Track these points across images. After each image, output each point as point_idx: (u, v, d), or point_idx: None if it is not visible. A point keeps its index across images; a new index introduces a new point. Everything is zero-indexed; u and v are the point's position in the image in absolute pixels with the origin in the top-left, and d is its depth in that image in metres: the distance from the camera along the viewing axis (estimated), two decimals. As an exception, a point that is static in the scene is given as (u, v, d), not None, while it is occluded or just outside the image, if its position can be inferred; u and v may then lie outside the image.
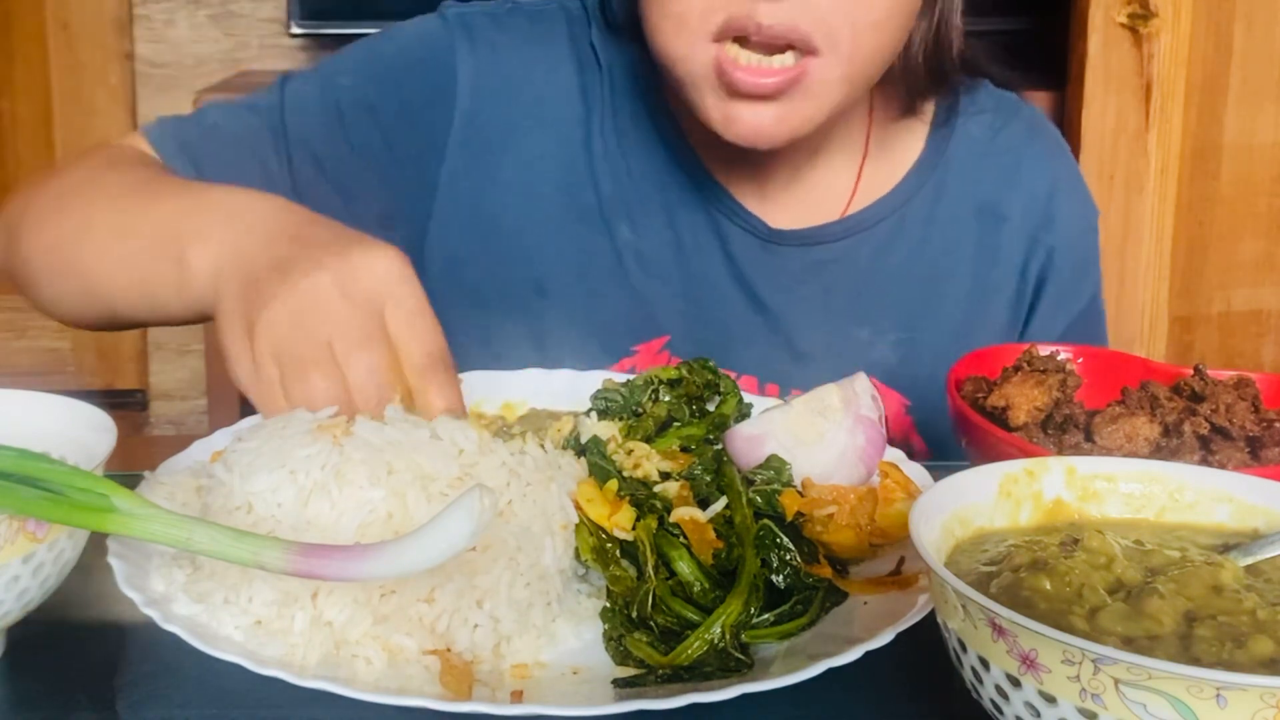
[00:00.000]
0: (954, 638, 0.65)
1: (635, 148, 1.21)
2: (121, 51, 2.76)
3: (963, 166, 1.25)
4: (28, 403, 0.82)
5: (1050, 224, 1.26)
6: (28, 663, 0.74)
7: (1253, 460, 0.90)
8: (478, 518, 0.66)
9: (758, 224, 1.20)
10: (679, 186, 1.21)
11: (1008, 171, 1.26)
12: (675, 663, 0.74)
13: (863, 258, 1.22)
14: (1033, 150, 1.28)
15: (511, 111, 1.21)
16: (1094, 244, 1.31)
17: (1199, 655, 0.61)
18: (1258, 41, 2.23)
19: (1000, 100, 1.28)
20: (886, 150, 1.24)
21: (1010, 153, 1.26)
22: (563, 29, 1.23)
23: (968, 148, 1.25)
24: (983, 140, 1.26)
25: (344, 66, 1.22)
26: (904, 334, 1.22)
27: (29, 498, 0.68)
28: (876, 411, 0.90)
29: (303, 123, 1.18)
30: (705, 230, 1.21)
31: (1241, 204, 2.29)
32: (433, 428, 0.81)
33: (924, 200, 1.24)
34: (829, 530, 0.83)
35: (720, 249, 1.21)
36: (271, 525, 0.75)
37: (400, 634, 0.73)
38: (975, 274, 1.25)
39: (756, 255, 1.21)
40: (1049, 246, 1.25)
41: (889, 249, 1.23)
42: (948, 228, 1.24)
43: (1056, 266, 1.26)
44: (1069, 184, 1.29)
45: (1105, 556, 0.67)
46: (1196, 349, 2.33)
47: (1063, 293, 1.26)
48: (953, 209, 1.24)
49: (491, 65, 1.21)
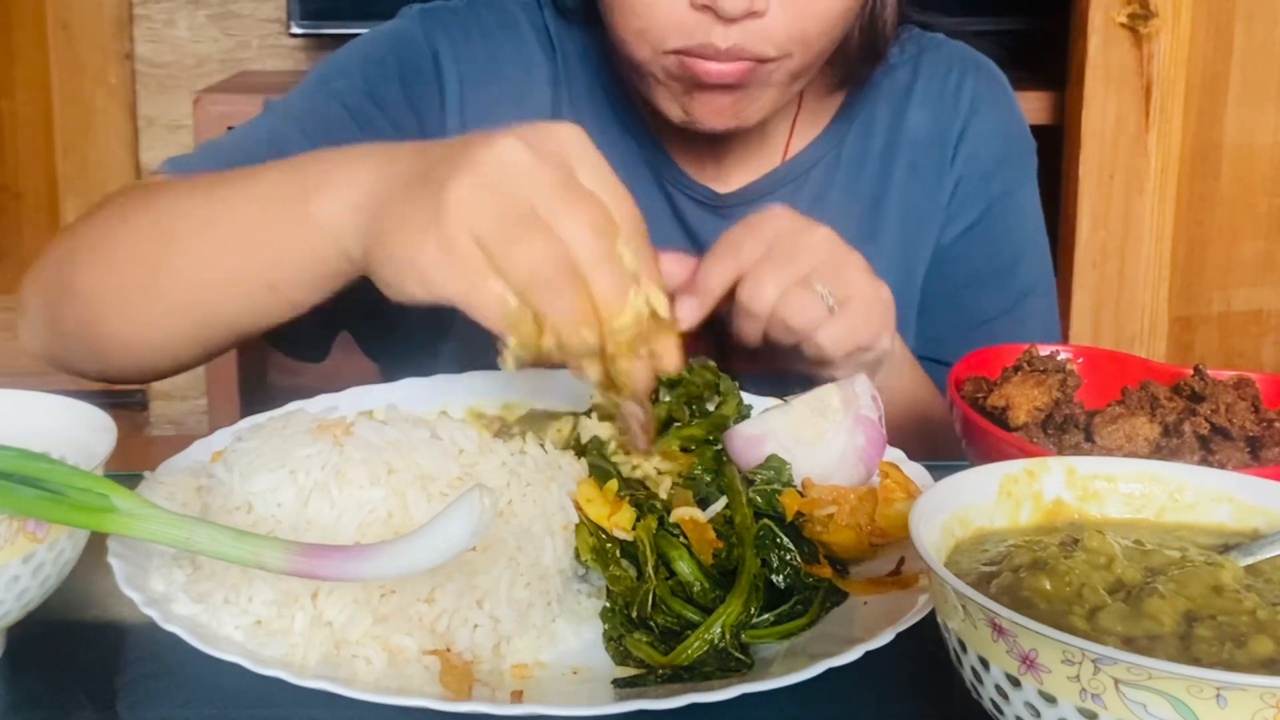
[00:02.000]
0: (954, 638, 0.65)
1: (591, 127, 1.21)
2: (121, 51, 2.76)
3: (891, 102, 1.28)
4: (28, 403, 0.82)
5: (968, 138, 1.28)
6: (28, 663, 0.74)
7: (1253, 460, 0.90)
8: (478, 518, 0.66)
9: (707, 192, 1.24)
10: (634, 162, 1.23)
11: (935, 105, 1.29)
12: (675, 663, 0.74)
13: (803, 201, 1.24)
14: (956, 81, 1.30)
15: (493, 97, 1.23)
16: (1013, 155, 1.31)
17: (1199, 655, 0.60)
18: (1258, 41, 2.23)
19: (924, 41, 1.31)
20: (815, 98, 1.27)
21: (938, 84, 1.29)
22: (520, 15, 1.26)
23: (891, 81, 1.28)
24: (908, 80, 1.29)
25: (335, 72, 1.21)
26: None
27: (29, 498, 0.68)
28: (876, 411, 0.90)
29: (314, 126, 1.15)
30: (660, 201, 1.23)
31: (1241, 204, 2.29)
32: (433, 428, 0.81)
33: (856, 135, 1.27)
34: (829, 530, 0.83)
35: (675, 219, 1.24)
36: (271, 525, 0.75)
37: (400, 634, 0.73)
38: (907, 202, 1.27)
39: (710, 222, 1.23)
40: (965, 155, 1.28)
41: (828, 188, 1.26)
42: (881, 161, 1.27)
43: (970, 171, 1.28)
44: (989, 100, 1.30)
45: (1105, 556, 0.67)
46: (1196, 349, 2.33)
47: (972, 189, 1.28)
48: (885, 144, 1.27)
49: (469, 54, 1.23)
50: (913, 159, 1.28)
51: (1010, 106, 1.34)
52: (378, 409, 0.88)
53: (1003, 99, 1.33)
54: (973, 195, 1.29)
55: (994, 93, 1.32)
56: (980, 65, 1.33)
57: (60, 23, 2.71)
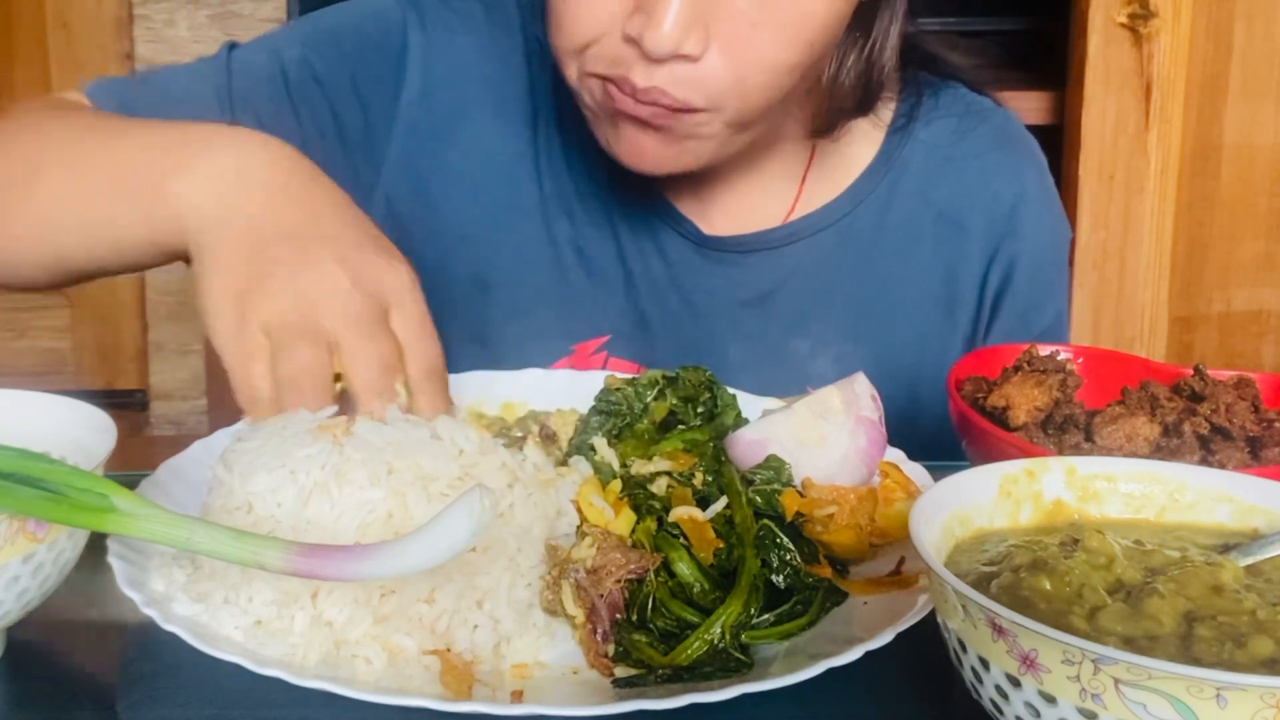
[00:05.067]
0: (954, 638, 0.65)
1: (577, 145, 1.17)
2: (121, 51, 2.76)
3: (920, 172, 1.19)
4: (28, 403, 0.82)
5: (1014, 234, 1.20)
6: (28, 663, 0.74)
7: (1253, 460, 0.90)
8: (478, 518, 0.66)
9: (691, 229, 1.17)
10: (620, 186, 1.17)
11: (971, 179, 1.20)
12: (675, 663, 0.74)
13: (804, 267, 1.18)
14: (999, 157, 1.22)
15: (462, 97, 1.17)
16: (1062, 263, 1.25)
17: (1199, 655, 0.61)
18: (1258, 41, 2.23)
19: (970, 104, 1.23)
20: (835, 157, 1.20)
21: (976, 159, 1.20)
22: (515, 19, 1.19)
23: (926, 153, 1.20)
24: (945, 145, 1.20)
25: (292, 38, 1.18)
26: (848, 346, 1.17)
27: (29, 498, 0.68)
28: (877, 412, 0.90)
29: (250, 89, 1.13)
30: (643, 232, 1.18)
31: (1241, 204, 2.29)
32: (433, 428, 0.81)
33: (872, 207, 1.19)
34: (829, 530, 0.83)
35: (657, 252, 1.18)
36: (271, 525, 0.75)
37: (400, 634, 0.73)
38: (930, 285, 1.20)
39: (691, 260, 1.18)
40: (1010, 257, 1.20)
41: (833, 258, 1.18)
42: (900, 236, 1.19)
43: (1017, 281, 1.20)
44: (1038, 195, 1.23)
45: (1105, 556, 0.67)
46: (1196, 349, 2.33)
47: (1023, 309, 1.20)
48: (906, 216, 1.19)
49: (444, 48, 1.17)
50: (942, 241, 1.19)
51: (1051, 192, 1.25)
52: (378, 409, 0.88)
53: (1046, 182, 1.25)
54: (1030, 308, 1.20)
55: (1039, 177, 1.24)
56: (1023, 140, 1.24)
57: (60, 23, 2.71)
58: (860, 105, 1.14)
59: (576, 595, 0.76)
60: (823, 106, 1.13)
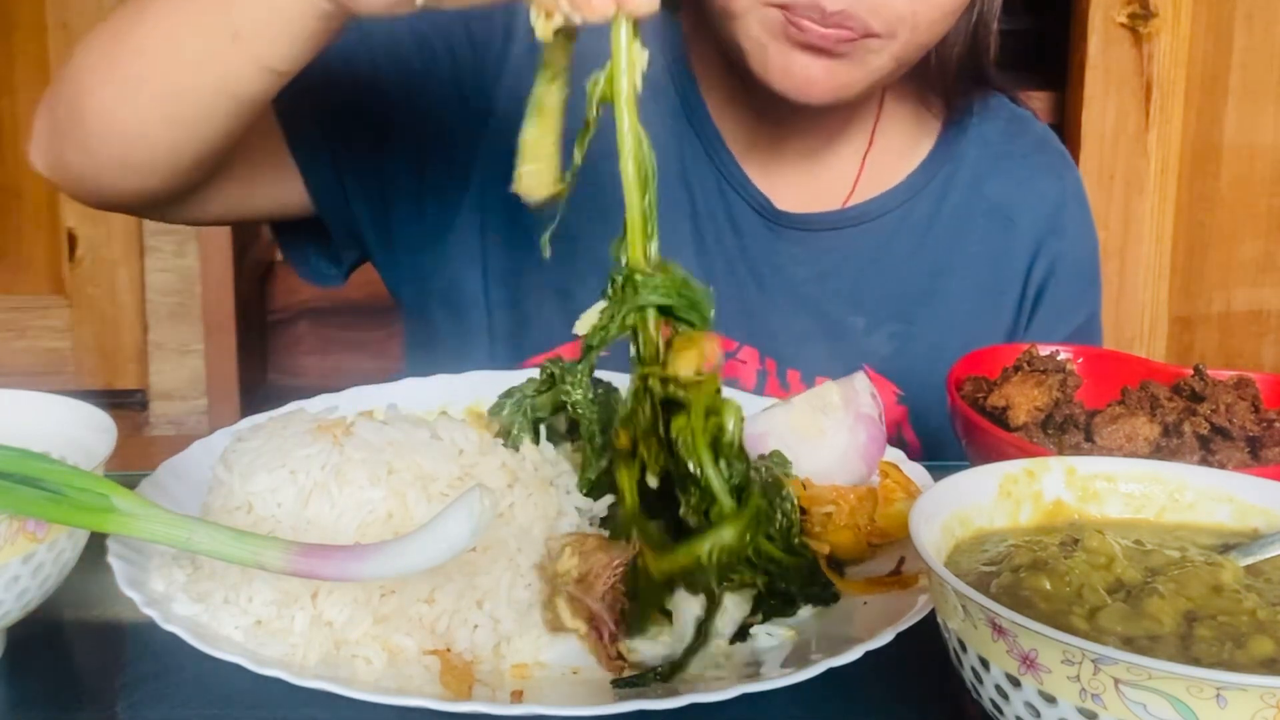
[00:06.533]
0: (954, 638, 0.65)
1: (653, 112, 1.19)
2: (121, 51, 2.76)
3: (975, 166, 1.26)
4: (28, 403, 0.82)
5: (1058, 233, 1.27)
6: (28, 663, 0.75)
7: (1253, 460, 0.90)
8: (478, 518, 0.66)
9: (764, 201, 1.22)
10: (693, 154, 1.21)
11: (1020, 177, 1.27)
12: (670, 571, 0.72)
13: (864, 249, 1.23)
14: (1045, 161, 1.30)
15: None
16: (1097, 267, 1.32)
17: (1199, 655, 0.61)
18: (1258, 41, 2.23)
19: (1013, 111, 1.31)
20: (893, 144, 1.25)
21: (1024, 160, 1.28)
22: None
23: (981, 149, 1.26)
24: (997, 144, 1.27)
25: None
26: (901, 325, 1.23)
27: (29, 498, 0.68)
28: (876, 409, 0.90)
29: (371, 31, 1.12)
30: (715, 198, 1.22)
31: (1241, 204, 2.30)
32: (433, 428, 0.81)
33: (931, 196, 1.25)
34: (828, 530, 0.83)
35: (727, 219, 1.22)
36: (271, 525, 0.75)
37: (400, 634, 0.73)
38: (978, 273, 1.25)
39: (759, 231, 1.22)
40: (1055, 253, 1.26)
41: (892, 242, 1.24)
42: (953, 225, 1.25)
43: (1060, 275, 1.26)
44: (1078, 200, 1.31)
45: (1105, 556, 0.67)
46: (1196, 349, 2.33)
47: (1064, 302, 1.27)
48: (961, 207, 1.25)
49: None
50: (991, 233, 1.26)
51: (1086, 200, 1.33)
52: (378, 409, 0.88)
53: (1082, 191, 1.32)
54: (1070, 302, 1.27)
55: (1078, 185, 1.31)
56: (1062, 150, 1.32)
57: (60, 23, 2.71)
58: (968, 81, 1.22)
59: (572, 608, 0.76)
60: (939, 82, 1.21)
